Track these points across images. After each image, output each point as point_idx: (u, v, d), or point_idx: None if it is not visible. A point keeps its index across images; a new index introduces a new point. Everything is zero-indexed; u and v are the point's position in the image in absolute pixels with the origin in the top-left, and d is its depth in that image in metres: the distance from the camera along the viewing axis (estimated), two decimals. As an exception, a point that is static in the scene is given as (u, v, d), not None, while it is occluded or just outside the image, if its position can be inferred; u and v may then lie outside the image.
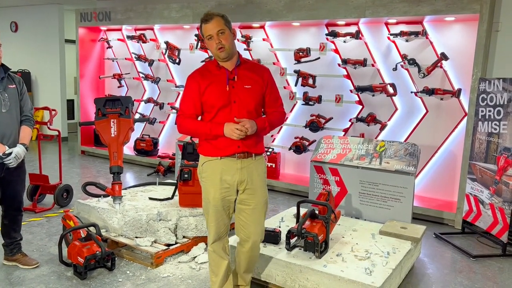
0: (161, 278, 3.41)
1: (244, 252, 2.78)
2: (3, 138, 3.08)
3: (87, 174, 6.79)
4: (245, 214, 2.69)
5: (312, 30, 6.02)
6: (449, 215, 4.92)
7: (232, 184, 2.62)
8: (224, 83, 2.57)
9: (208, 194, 2.67)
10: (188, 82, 2.67)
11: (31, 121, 3.31)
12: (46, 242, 4.03)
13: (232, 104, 2.56)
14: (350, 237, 3.56)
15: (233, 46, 2.58)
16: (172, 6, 6.82)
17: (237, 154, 2.57)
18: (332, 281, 2.86)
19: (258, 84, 2.62)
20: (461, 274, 3.72)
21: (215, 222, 2.69)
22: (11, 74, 3.22)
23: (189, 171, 4.03)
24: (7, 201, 3.32)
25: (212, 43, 2.53)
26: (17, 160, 3.11)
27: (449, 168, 5.23)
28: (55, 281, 3.29)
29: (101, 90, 8.50)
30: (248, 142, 2.58)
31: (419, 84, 5.29)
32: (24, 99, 3.28)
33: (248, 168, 2.62)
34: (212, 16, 2.52)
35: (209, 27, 2.51)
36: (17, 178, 3.26)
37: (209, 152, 2.62)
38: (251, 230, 2.70)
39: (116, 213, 3.87)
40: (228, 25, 2.55)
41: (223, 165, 2.59)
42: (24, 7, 9.73)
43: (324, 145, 4.69)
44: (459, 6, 4.65)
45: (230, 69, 2.60)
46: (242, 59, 2.67)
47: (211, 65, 2.66)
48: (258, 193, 2.67)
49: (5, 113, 3.09)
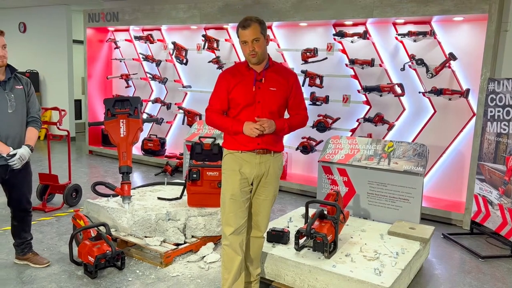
0: (170, 277, 3.44)
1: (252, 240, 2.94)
2: (8, 139, 3.06)
3: (95, 174, 6.83)
4: (255, 203, 2.86)
5: (320, 30, 6.02)
6: (457, 216, 4.90)
7: (249, 177, 2.76)
8: (251, 83, 2.71)
9: (227, 185, 2.78)
10: (219, 80, 2.80)
11: (37, 123, 3.28)
12: (56, 241, 4.06)
13: (256, 104, 2.70)
14: (359, 237, 3.57)
15: (265, 52, 2.71)
16: (179, 6, 6.84)
17: (257, 150, 2.72)
18: (342, 281, 2.87)
19: (283, 87, 2.75)
20: (470, 275, 3.71)
21: (234, 213, 2.76)
22: (18, 75, 3.20)
23: (197, 171, 4.04)
24: (14, 203, 3.33)
25: (246, 48, 2.66)
26: (21, 161, 3.08)
27: (457, 168, 5.21)
28: (66, 280, 3.33)
29: (108, 90, 8.55)
30: (268, 140, 2.72)
31: (427, 84, 5.28)
32: (31, 100, 3.26)
33: (266, 164, 2.77)
34: (250, 23, 2.62)
35: (246, 34, 2.62)
36: (22, 180, 3.25)
37: (232, 146, 2.77)
38: (259, 219, 2.89)
39: (126, 212, 3.89)
40: (263, 32, 2.66)
41: (243, 158, 2.75)
42: (33, 8, 9.80)
43: (332, 145, 4.69)
44: (468, 6, 4.63)
45: (259, 71, 2.73)
46: (271, 62, 2.78)
47: (241, 65, 2.79)
48: (271, 187, 2.83)
49: (11, 114, 3.07)
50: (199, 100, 7.25)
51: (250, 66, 2.74)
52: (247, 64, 2.75)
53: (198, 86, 7.25)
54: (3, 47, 3.00)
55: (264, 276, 3.22)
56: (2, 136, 3.03)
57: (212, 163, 4.12)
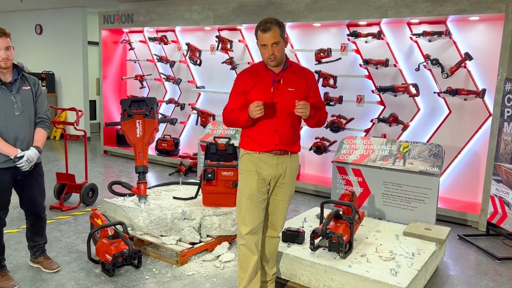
0: (186, 276, 3.47)
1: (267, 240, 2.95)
2: (16, 141, 3.03)
3: (110, 174, 6.92)
4: (272, 204, 2.88)
5: (333, 30, 6.02)
6: (473, 217, 4.86)
7: (266, 178, 2.77)
8: (269, 84, 2.71)
9: (244, 185, 2.80)
10: (236, 81, 2.83)
11: (46, 123, 3.22)
12: (74, 239, 4.13)
13: (274, 104, 2.70)
14: (374, 238, 3.56)
15: (283, 55, 2.71)
16: (193, 8, 6.90)
17: (274, 151, 2.73)
18: (358, 281, 2.87)
19: (302, 87, 2.75)
20: (486, 276, 3.68)
21: (250, 213, 2.78)
22: (26, 75, 3.17)
23: (212, 171, 4.07)
24: (25, 206, 3.29)
25: (265, 52, 2.65)
26: (29, 163, 3.04)
27: (472, 169, 5.17)
28: (85, 278, 3.38)
29: (123, 91, 8.65)
30: (286, 141, 2.74)
31: (442, 85, 5.24)
32: (39, 100, 3.20)
33: (283, 165, 2.78)
34: (270, 27, 2.60)
35: (266, 37, 2.61)
36: (33, 182, 3.21)
37: (249, 146, 2.79)
38: (275, 220, 2.91)
39: (142, 211, 3.94)
40: (282, 35, 2.66)
41: (260, 159, 2.76)
42: (49, 10, 9.96)
43: (347, 146, 4.69)
44: (484, 6, 4.60)
45: (277, 72, 2.73)
46: (289, 62, 2.79)
47: (259, 66, 2.80)
48: (288, 187, 2.85)
49: (18, 116, 3.03)
50: (213, 101, 7.29)
51: (268, 68, 2.74)
52: (265, 65, 2.75)
53: (212, 87, 7.29)
54: (6, 49, 2.96)
55: (279, 275, 3.24)
56: (10, 138, 3.00)
57: (226, 163, 4.14)
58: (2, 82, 3.01)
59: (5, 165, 3.01)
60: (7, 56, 2.97)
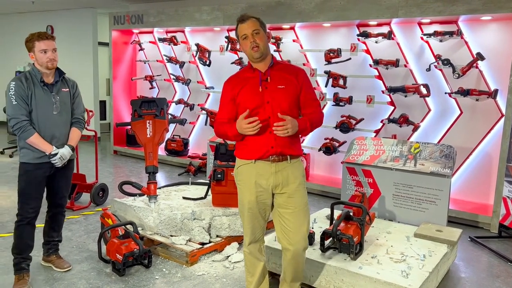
0: (196, 276, 3.48)
1: (287, 260, 2.71)
2: (52, 139, 3.18)
3: (120, 174, 6.95)
4: (285, 219, 2.64)
5: (343, 30, 5.99)
6: (485, 219, 4.81)
7: (266, 188, 2.62)
8: (257, 84, 2.60)
9: (243, 197, 2.69)
10: (223, 88, 2.76)
11: (81, 123, 3.40)
12: (85, 239, 4.16)
13: (265, 104, 2.57)
14: (385, 239, 3.54)
15: (267, 47, 2.62)
16: (203, 8, 6.91)
17: (271, 157, 2.57)
18: (368, 283, 2.85)
19: (292, 84, 2.62)
20: (498, 279, 3.64)
21: (251, 225, 2.70)
22: (66, 77, 3.34)
23: (222, 171, 4.08)
24: (50, 196, 3.41)
25: (247, 43, 2.57)
26: (62, 160, 3.20)
27: (484, 170, 5.11)
28: (95, 277, 3.41)
29: (133, 91, 8.70)
30: (283, 142, 2.56)
31: (453, 85, 5.19)
32: (76, 102, 3.37)
33: (283, 172, 2.60)
34: (248, 17, 2.59)
35: (245, 27, 2.57)
36: (62, 175, 3.35)
37: (244, 155, 2.65)
38: (291, 237, 2.63)
39: (152, 211, 3.96)
40: (263, 27, 2.61)
41: (257, 169, 2.61)
42: (60, 11, 10.05)
43: (357, 147, 4.66)
44: (496, 5, 4.54)
45: (263, 71, 2.63)
46: (275, 60, 2.69)
47: (245, 69, 2.73)
48: (296, 196, 2.62)
49: (56, 115, 3.19)
50: (222, 101, 7.29)
51: (254, 67, 2.64)
52: (250, 66, 2.66)
53: (221, 87, 7.26)
54: (53, 51, 3.13)
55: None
56: (47, 136, 3.15)
57: (236, 163, 4.14)
58: (44, 83, 3.17)
59: (40, 160, 3.15)
60: (54, 57, 3.14)
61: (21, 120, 3.04)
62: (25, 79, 3.11)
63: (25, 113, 3.06)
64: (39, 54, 3.11)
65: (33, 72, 3.15)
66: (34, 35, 3.14)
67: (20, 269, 3.23)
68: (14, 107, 3.04)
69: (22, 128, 3.05)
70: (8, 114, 3.08)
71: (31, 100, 3.09)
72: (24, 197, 3.17)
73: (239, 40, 2.64)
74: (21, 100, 3.05)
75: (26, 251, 3.25)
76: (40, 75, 3.14)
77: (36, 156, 3.14)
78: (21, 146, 3.15)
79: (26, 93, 3.07)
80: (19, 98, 3.04)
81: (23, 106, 3.05)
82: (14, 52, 10.92)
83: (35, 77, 3.14)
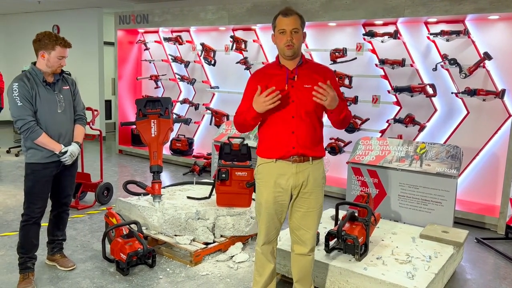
0: (200, 276, 3.47)
1: (295, 258, 2.71)
2: (60, 137, 3.20)
3: (125, 173, 6.97)
4: (298, 216, 2.63)
5: (349, 30, 5.96)
6: (491, 220, 4.76)
7: (286, 189, 2.57)
8: (283, 82, 2.53)
9: (261, 196, 2.64)
10: (248, 82, 2.66)
11: (83, 120, 3.43)
12: (89, 238, 4.17)
13: (290, 103, 2.51)
14: (390, 240, 3.51)
15: (300, 47, 2.56)
16: (208, 8, 6.91)
17: (292, 157, 2.52)
18: (373, 284, 2.83)
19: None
20: (505, 281, 3.60)
21: (266, 225, 2.66)
22: (65, 76, 3.35)
23: (226, 171, 4.07)
24: (55, 194, 3.41)
25: (283, 38, 2.48)
26: (72, 157, 3.23)
27: (491, 171, 5.07)
28: (99, 276, 3.40)
29: (138, 91, 8.71)
30: (305, 143, 2.52)
31: (460, 85, 5.15)
32: (77, 99, 3.40)
33: (304, 173, 2.55)
34: (292, 12, 2.50)
35: (286, 22, 2.47)
36: (68, 173, 3.35)
37: (265, 154, 2.60)
38: (302, 234, 2.64)
39: (156, 211, 3.95)
40: (302, 27, 2.53)
41: (278, 168, 2.56)
42: (66, 11, 10.09)
43: (362, 147, 4.64)
44: (504, 4, 4.50)
45: (291, 69, 2.56)
46: (304, 59, 2.61)
47: (272, 64, 2.65)
48: (312, 198, 2.60)
49: (60, 113, 3.21)
50: (227, 101, 7.29)
51: (282, 64, 2.56)
52: (278, 62, 2.58)
53: (226, 87, 7.29)
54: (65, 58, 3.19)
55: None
56: (54, 134, 3.16)
57: (240, 163, 4.14)
58: (47, 83, 3.18)
59: (48, 159, 3.17)
60: (63, 64, 3.21)
61: (28, 121, 3.04)
62: (27, 79, 3.09)
63: (31, 113, 3.06)
64: (55, 58, 3.12)
65: (33, 72, 3.14)
66: (59, 39, 3.14)
67: (25, 268, 3.24)
68: (19, 109, 3.03)
69: (30, 129, 3.04)
70: (14, 115, 3.06)
71: (35, 100, 3.09)
72: (31, 196, 3.17)
73: (273, 30, 2.56)
74: (26, 101, 3.04)
75: (31, 250, 3.25)
76: (42, 75, 3.14)
77: (44, 155, 3.14)
78: (28, 147, 3.14)
79: (30, 93, 3.06)
80: (23, 99, 3.03)
81: (28, 107, 3.05)
82: (20, 51, 10.98)
83: (36, 77, 3.13)
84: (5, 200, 5.26)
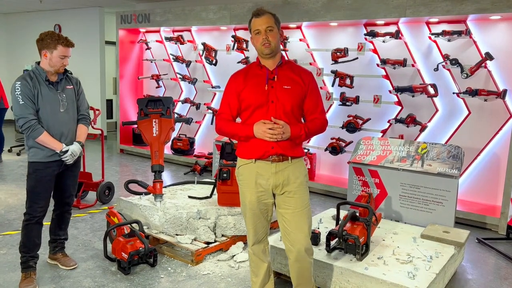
0: (201, 275, 3.47)
1: (291, 263, 2.65)
2: (61, 136, 3.20)
3: (126, 172, 6.97)
4: (285, 219, 2.60)
5: (350, 30, 5.96)
6: (492, 220, 4.76)
7: (267, 189, 2.58)
8: (263, 82, 2.55)
9: (244, 197, 2.66)
10: (228, 83, 2.67)
11: (87, 120, 3.43)
12: (91, 237, 4.17)
13: (269, 103, 2.52)
14: (391, 240, 3.51)
15: (278, 45, 2.57)
16: (209, 7, 6.91)
17: (272, 157, 2.52)
18: (374, 284, 2.83)
19: (298, 85, 2.56)
20: (506, 281, 3.60)
21: (253, 225, 2.68)
22: (69, 75, 3.35)
23: (227, 170, 4.07)
24: (57, 194, 3.42)
25: (259, 38, 2.52)
26: (73, 157, 3.23)
27: (492, 171, 5.07)
28: (101, 275, 3.41)
29: (139, 90, 8.72)
30: (284, 143, 2.51)
31: (461, 85, 5.15)
32: (81, 99, 3.39)
33: (284, 172, 2.55)
34: (264, 12, 2.54)
35: (259, 22, 2.51)
36: (70, 172, 3.36)
37: (244, 154, 2.60)
38: (293, 237, 2.58)
39: (157, 210, 3.96)
40: (277, 25, 2.56)
41: (257, 168, 2.56)
42: (67, 10, 10.10)
43: (364, 147, 4.64)
44: (506, 4, 4.49)
45: (271, 69, 2.57)
46: (284, 60, 2.64)
47: (252, 65, 2.67)
48: (297, 196, 2.57)
49: (63, 113, 3.21)
50: (228, 100, 7.28)
51: (262, 64, 2.58)
52: (258, 63, 2.60)
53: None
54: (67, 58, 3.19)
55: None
56: (56, 134, 3.17)
57: (242, 163, 4.13)
58: (49, 82, 3.18)
59: (50, 158, 3.17)
60: (66, 63, 3.21)
61: (30, 120, 3.05)
62: (30, 78, 3.10)
63: (32, 112, 3.07)
64: (57, 57, 3.12)
65: (36, 71, 3.15)
66: (61, 38, 3.14)
67: (27, 267, 3.24)
68: (21, 107, 3.04)
69: (32, 128, 3.05)
70: (15, 114, 3.08)
71: (37, 99, 3.10)
72: (33, 196, 3.18)
73: (251, 33, 2.59)
74: (28, 100, 3.05)
75: (33, 249, 3.26)
76: (45, 74, 3.15)
77: (46, 154, 3.15)
78: (29, 146, 3.15)
79: (33, 92, 3.07)
80: (25, 97, 3.05)
81: (30, 106, 3.06)
82: (21, 50, 10.99)
83: (39, 76, 3.14)
84: (7, 199, 5.27)
